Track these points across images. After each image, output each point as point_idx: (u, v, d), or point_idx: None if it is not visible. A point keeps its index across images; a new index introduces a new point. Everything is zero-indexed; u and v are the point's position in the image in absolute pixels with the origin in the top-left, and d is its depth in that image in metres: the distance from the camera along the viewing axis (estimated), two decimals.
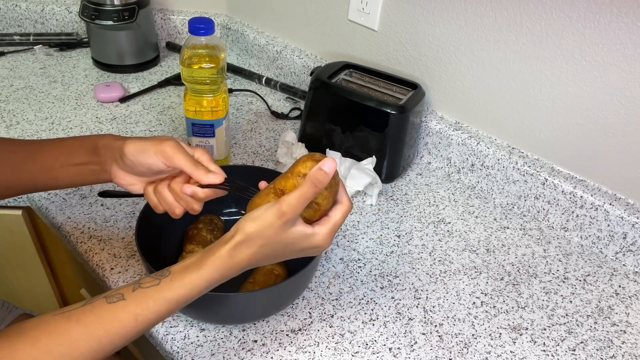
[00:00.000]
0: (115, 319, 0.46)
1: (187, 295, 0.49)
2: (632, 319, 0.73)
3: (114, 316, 0.46)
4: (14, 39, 1.21)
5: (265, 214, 0.50)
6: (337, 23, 1.07)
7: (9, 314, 0.86)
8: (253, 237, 0.50)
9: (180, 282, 0.49)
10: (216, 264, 0.50)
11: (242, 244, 0.50)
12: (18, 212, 0.91)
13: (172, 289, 0.48)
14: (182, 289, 0.48)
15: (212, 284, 0.50)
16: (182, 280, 0.49)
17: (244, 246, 0.50)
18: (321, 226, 0.53)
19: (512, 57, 0.84)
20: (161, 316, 0.48)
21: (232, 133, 1.02)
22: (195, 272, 0.49)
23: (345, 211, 0.54)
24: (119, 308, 0.46)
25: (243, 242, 0.50)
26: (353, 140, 0.91)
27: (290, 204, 0.49)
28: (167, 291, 0.48)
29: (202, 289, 0.49)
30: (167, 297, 0.48)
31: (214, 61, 0.77)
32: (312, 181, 0.49)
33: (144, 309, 0.47)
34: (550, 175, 0.85)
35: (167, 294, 0.48)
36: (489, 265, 0.79)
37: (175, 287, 0.48)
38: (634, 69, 0.72)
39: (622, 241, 0.80)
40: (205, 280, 0.49)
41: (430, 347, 0.66)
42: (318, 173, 0.50)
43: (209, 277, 0.49)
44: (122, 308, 0.46)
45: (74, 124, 0.99)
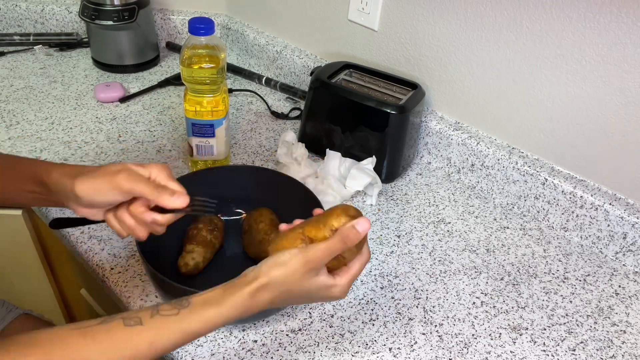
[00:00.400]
0: (130, 343, 0.45)
1: (203, 330, 0.48)
2: (632, 319, 0.73)
3: (129, 340, 0.45)
4: (14, 39, 1.21)
5: (292, 261, 0.50)
6: (337, 23, 1.07)
7: (8, 313, 0.86)
8: (277, 283, 0.50)
9: (198, 317, 0.48)
10: (236, 304, 0.49)
11: (265, 288, 0.50)
12: (18, 212, 0.91)
13: (189, 321, 0.47)
14: (200, 323, 0.48)
15: (229, 321, 0.49)
16: (201, 315, 0.48)
17: (266, 290, 0.50)
18: (342, 277, 0.53)
19: (512, 57, 0.84)
20: (175, 346, 0.48)
21: (232, 133, 1.02)
22: (214, 308, 0.48)
23: (364, 262, 0.54)
24: (135, 333, 0.46)
25: (266, 286, 0.49)
26: (353, 140, 0.91)
27: (317, 256, 0.50)
28: (185, 323, 0.47)
29: (219, 325, 0.49)
30: (183, 329, 0.47)
31: (214, 61, 0.77)
32: (343, 238, 0.50)
33: (159, 337, 0.46)
34: (550, 175, 0.85)
35: (184, 325, 0.47)
36: (489, 265, 0.79)
37: (193, 321, 0.48)
38: (634, 69, 0.72)
39: (622, 241, 0.80)
40: (223, 318, 0.49)
41: (430, 347, 0.66)
42: (351, 232, 0.50)
43: (228, 315, 0.49)
44: (138, 333, 0.46)
45: (74, 124, 0.99)
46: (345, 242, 0.50)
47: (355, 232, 0.50)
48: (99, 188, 0.53)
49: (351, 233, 0.49)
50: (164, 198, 0.53)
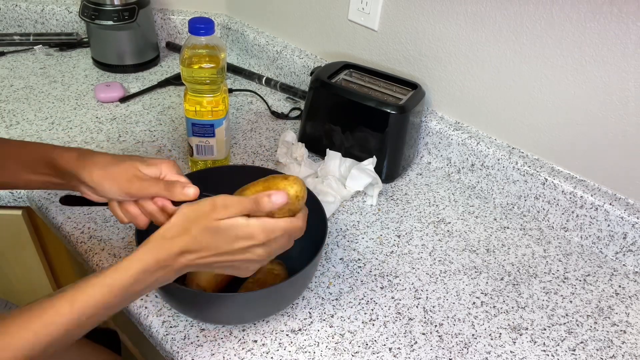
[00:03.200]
0: (50, 308, 0.46)
1: (123, 280, 0.48)
2: (632, 319, 0.73)
3: (50, 305, 0.46)
4: (14, 39, 1.21)
5: (201, 201, 0.51)
6: (337, 23, 1.07)
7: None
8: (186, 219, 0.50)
9: (114, 268, 0.48)
10: (149, 246, 0.50)
11: (175, 225, 0.50)
12: (18, 212, 0.91)
13: (106, 275, 0.48)
14: (116, 273, 0.48)
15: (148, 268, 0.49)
16: (117, 265, 0.48)
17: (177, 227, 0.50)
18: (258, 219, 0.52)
19: (512, 57, 0.84)
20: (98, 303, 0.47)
21: (232, 133, 1.02)
22: (129, 256, 0.49)
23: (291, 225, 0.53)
24: (56, 297, 0.46)
25: (176, 223, 0.50)
26: (353, 140, 0.91)
27: (226, 202, 0.51)
28: (102, 277, 0.48)
29: (139, 273, 0.49)
30: (101, 282, 0.47)
31: (214, 61, 0.77)
32: (256, 199, 0.51)
33: (79, 295, 0.47)
34: (550, 175, 0.85)
35: (102, 280, 0.48)
36: (489, 265, 0.79)
37: (109, 273, 0.48)
38: (634, 68, 0.72)
39: (622, 241, 0.80)
40: (139, 262, 0.49)
41: (430, 347, 0.66)
42: (263, 198, 0.52)
43: (143, 259, 0.49)
44: (59, 297, 0.46)
45: (74, 124, 0.99)
46: (257, 204, 0.51)
47: (267, 201, 0.51)
48: (109, 188, 0.55)
49: (263, 201, 0.51)
50: (177, 193, 0.55)
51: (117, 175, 0.55)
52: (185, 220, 0.50)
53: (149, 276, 0.50)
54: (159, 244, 0.50)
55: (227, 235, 0.51)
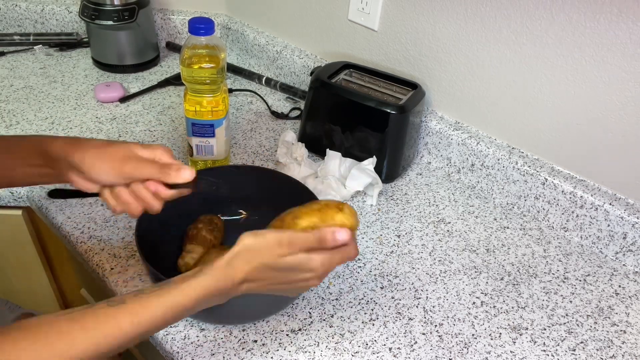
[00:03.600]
0: (113, 322, 0.46)
1: (184, 302, 0.49)
2: (632, 319, 0.73)
3: (112, 319, 0.47)
4: (14, 39, 1.21)
5: (268, 234, 0.51)
6: (337, 23, 1.07)
7: (11, 313, 0.85)
8: (250, 250, 0.51)
9: (177, 290, 0.49)
10: (213, 273, 0.50)
11: (240, 255, 0.51)
12: (18, 212, 0.91)
13: (170, 295, 0.49)
14: (180, 295, 0.49)
15: (209, 293, 0.50)
16: (180, 287, 0.49)
17: (241, 258, 0.50)
18: (318, 254, 0.52)
19: (512, 57, 0.84)
20: (159, 322, 0.48)
21: (232, 133, 1.02)
22: (193, 279, 0.50)
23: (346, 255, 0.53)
24: (118, 312, 0.47)
25: (241, 253, 0.51)
26: (353, 140, 0.91)
27: (292, 239, 0.51)
28: (166, 297, 0.49)
29: (200, 297, 0.50)
30: (165, 302, 0.48)
31: (214, 61, 0.77)
32: (320, 238, 0.51)
33: (141, 313, 0.47)
34: (550, 175, 0.85)
35: (165, 299, 0.48)
36: (489, 265, 0.79)
37: (173, 294, 0.49)
38: (634, 68, 0.72)
39: (622, 241, 0.80)
40: (202, 288, 0.50)
41: (430, 347, 0.66)
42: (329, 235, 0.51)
43: (206, 285, 0.50)
44: (121, 312, 0.47)
45: (74, 124, 0.99)
46: (320, 242, 0.51)
47: (333, 238, 0.51)
48: (104, 170, 0.54)
49: (329, 238, 0.51)
50: (171, 175, 0.55)
51: (110, 154, 0.55)
52: (250, 251, 0.51)
53: (208, 301, 0.51)
54: (223, 273, 0.50)
55: (289, 271, 0.52)
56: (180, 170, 0.55)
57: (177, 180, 0.55)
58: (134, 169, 0.55)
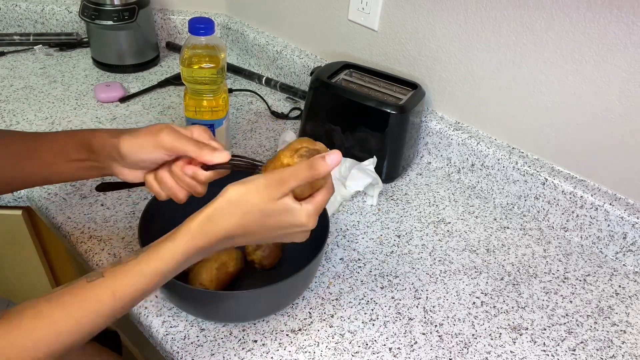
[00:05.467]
0: (92, 297, 0.45)
1: (163, 267, 0.47)
2: (632, 319, 0.73)
3: (91, 294, 0.45)
4: (14, 39, 1.21)
5: (254, 180, 0.48)
6: (337, 23, 1.07)
7: None
8: (236, 202, 0.47)
9: (155, 254, 0.47)
10: (192, 231, 0.47)
11: (223, 209, 0.47)
12: (18, 212, 0.91)
13: (148, 261, 0.47)
14: (158, 260, 0.47)
15: (189, 254, 0.48)
16: (157, 251, 0.47)
17: (225, 212, 0.47)
18: (307, 204, 0.50)
19: (512, 57, 0.84)
20: (140, 290, 0.47)
21: (232, 133, 1.02)
22: (169, 241, 0.47)
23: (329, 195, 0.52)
24: (97, 285, 0.46)
25: (224, 207, 0.47)
26: (353, 140, 0.91)
27: (282, 177, 0.48)
28: (143, 264, 0.47)
29: (179, 258, 0.47)
30: (143, 270, 0.47)
31: (214, 61, 0.77)
32: (312, 165, 0.48)
33: (121, 284, 0.46)
34: (550, 175, 0.85)
35: (143, 266, 0.47)
36: (489, 265, 0.79)
37: (150, 259, 0.47)
38: (634, 69, 0.72)
39: (622, 241, 0.80)
40: (180, 248, 0.47)
41: (430, 347, 0.66)
42: (319, 161, 0.49)
43: (183, 245, 0.47)
44: (100, 285, 0.46)
45: (74, 124, 0.99)
46: (312, 169, 0.48)
47: (324, 163, 0.48)
48: (143, 145, 0.54)
49: (320, 163, 0.48)
50: (206, 153, 0.54)
51: (148, 129, 0.55)
52: (231, 201, 0.48)
53: (189, 261, 0.49)
54: (203, 230, 0.47)
55: (278, 221, 0.49)
56: (215, 152, 0.54)
57: (212, 160, 0.54)
58: (171, 140, 0.54)
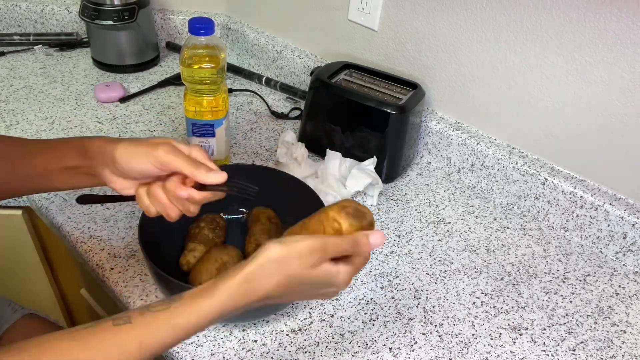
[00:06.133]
0: (118, 343, 0.43)
1: (197, 324, 0.45)
2: (632, 319, 0.73)
3: (117, 340, 0.43)
4: (14, 39, 1.21)
5: (299, 242, 0.46)
6: (337, 23, 1.07)
7: (14, 314, 0.85)
8: (277, 263, 0.46)
9: (189, 309, 0.45)
10: (229, 291, 0.45)
11: (263, 268, 0.46)
12: (18, 212, 0.91)
13: (181, 315, 0.45)
14: (192, 316, 0.45)
15: (224, 312, 0.46)
16: (192, 307, 0.45)
17: (265, 271, 0.46)
18: (346, 265, 0.49)
19: (512, 57, 0.84)
20: (167, 344, 0.45)
21: (232, 133, 1.02)
22: (206, 298, 0.45)
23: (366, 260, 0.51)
24: (124, 332, 0.43)
25: (264, 266, 0.46)
26: (353, 140, 0.91)
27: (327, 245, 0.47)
28: (176, 318, 0.44)
29: (214, 317, 0.45)
30: (175, 324, 0.44)
31: (214, 61, 0.77)
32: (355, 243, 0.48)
33: (149, 334, 0.44)
34: (550, 175, 0.85)
35: (175, 320, 0.44)
36: (489, 265, 0.79)
37: (184, 314, 0.45)
38: (634, 69, 0.72)
39: (622, 241, 0.80)
40: (217, 308, 0.45)
41: (430, 347, 0.66)
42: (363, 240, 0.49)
43: (221, 306, 0.45)
44: (127, 332, 0.43)
45: (74, 124, 0.99)
46: (355, 247, 0.48)
47: (367, 242, 0.49)
48: (137, 154, 0.53)
49: (363, 242, 0.48)
50: (201, 173, 0.53)
51: (146, 141, 0.54)
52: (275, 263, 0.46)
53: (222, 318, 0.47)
54: (241, 290, 0.45)
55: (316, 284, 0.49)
56: (212, 172, 0.53)
57: (207, 180, 0.53)
58: (166, 152, 0.52)
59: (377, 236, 0.49)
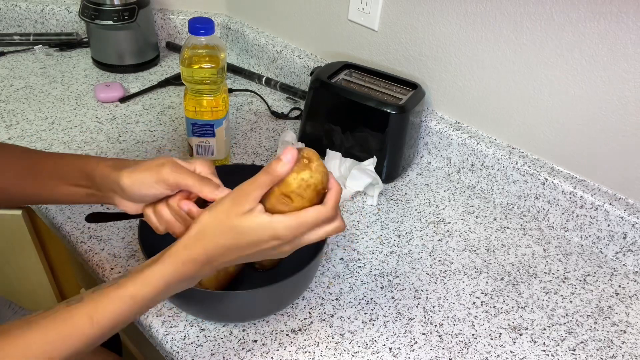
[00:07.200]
0: (69, 322, 0.45)
1: (144, 293, 0.47)
2: (632, 319, 0.73)
3: (68, 318, 0.45)
4: (14, 39, 1.21)
5: (221, 201, 0.49)
6: (337, 23, 1.07)
7: (14, 315, 0.85)
8: (207, 227, 0.48)
9: (135, 279, 0.47)
10: (171, 258, 0.48)
11: (197, 235, 0.48)
12: (18, 212, 0.91)
13: (127, 286, 0.47)
14: (138, 285, 0.47)
15: (169, 280, 0.48)
16: (137, 277, 0.47)
17: (199, 238, 0.48)
18: (282, 216, 0.48)
19: (512, 57, 0.84)
20: (122, 316, 0.47)
21: (232, 133, 1.02)
22: (150, 269, 0.48)
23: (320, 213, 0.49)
24: (74, 309, 0.45)
25: (198, 233, 0.48)
26: (353, 141, 0.91)
27: (243, 190, 0.48)
28: (123, 289, 0.47)
29: (160, 286, 0.48)
30: (122, 295, 0.46)
31: (214, 61, 0.77)
32: (267, 169, 0.48)
33: (99, 309, 0.46)
34: (550, 175, 0.85)
35: (122, 291, 0.47)
36: (489, 265, 0.79)
37: (130, 284, 0.47)
38: (634, 68, 0.72)
39: (622, 241, 0.80)
40: (161, 275, 0.47)
41: (430, 347, 0.66)
42: (274, 162, 0.48)
43: (165, 272, 0.48)
44: (77, 309, 0.45)
45: (74, 124, 0.99)
46: (269, 172, 0.48)
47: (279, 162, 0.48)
48: (144, 181, 0.54)
49: (275, 163, 0.48)
50: (208, 190, 0.53)
51: (150, 162, 0.55)
52: (205, 226, 0.49)
53: (171, 288, 0.49)
54: (180, 256, 0.48)
55: (251, 237, 0.49)
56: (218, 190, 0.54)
57: (213, 197, 0.53)
58: (174, 176, 0.53)
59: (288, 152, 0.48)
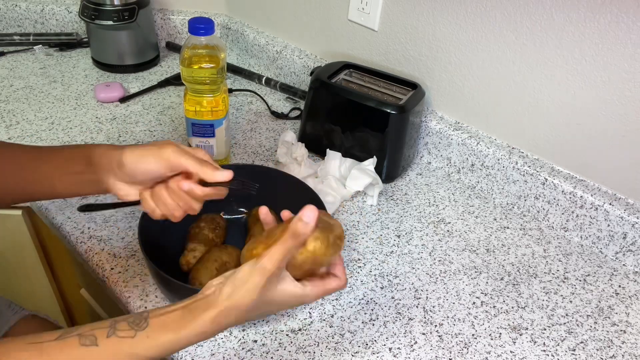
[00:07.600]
0: None
1: (160, 355, 0.46)
2: (632, 319, 0.73)
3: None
4: (14, 39, 1.21)
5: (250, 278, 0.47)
6: (337, 23, 1.07)
7: (14, 315, 0.85)
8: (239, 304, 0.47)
9: (154, 342, 0.46)
10: (196, 331, 0.47)
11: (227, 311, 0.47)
12: (18, 212, 0.91)
13: (146, 346, 0.46)
14: (156, 349, 0.46)
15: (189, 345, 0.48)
16: (157, 340, 0.46)
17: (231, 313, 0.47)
18: (314, 288, 0.51)
19: (512, 57, 0.84)
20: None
21: (232, 133, 1.02)
22: (172, 334, 0.46)
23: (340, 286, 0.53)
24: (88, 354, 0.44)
25: (228, 309, 0.47)
26: (353, 140, 0.91)
27: (272, 262, 0.47)
28: (141, 348, 0.45)
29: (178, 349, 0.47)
30: (139, 354, 0.45)
31: (214, 61, 0.77)
32: (292, 233, 0.48)
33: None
34: (550, 175, 0.85)
35: (140, 351, 0.45)
36: (489, 265, 0.79)
37: (149, 346, 0.46)
38: (634, 68, 0.72)
39: (622, 241, 0.80)
40: (182, 344, 0.47)
41: (430, 347, 0.66)
42: (297, 224, 0.48)
43: (187, 342, 0.47)
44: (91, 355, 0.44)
45: (74, 124, 0.99)
46: (295, 236, 0.47)
47: (302, 224, 0.47)
48: (146, 156, 0.55)
49: (299, 226, 0.47)
50: (207, 171, 0.54)
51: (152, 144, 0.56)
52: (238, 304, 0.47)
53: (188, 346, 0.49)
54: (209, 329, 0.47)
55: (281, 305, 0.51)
56: (218, 171, 0.55)
57: (214, 178, 0.55)
58: (173, 152, 0.54)
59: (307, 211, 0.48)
